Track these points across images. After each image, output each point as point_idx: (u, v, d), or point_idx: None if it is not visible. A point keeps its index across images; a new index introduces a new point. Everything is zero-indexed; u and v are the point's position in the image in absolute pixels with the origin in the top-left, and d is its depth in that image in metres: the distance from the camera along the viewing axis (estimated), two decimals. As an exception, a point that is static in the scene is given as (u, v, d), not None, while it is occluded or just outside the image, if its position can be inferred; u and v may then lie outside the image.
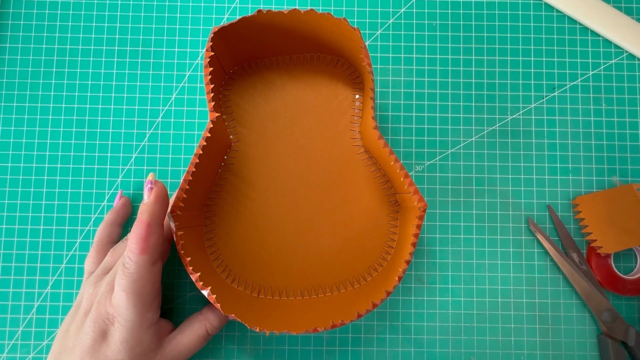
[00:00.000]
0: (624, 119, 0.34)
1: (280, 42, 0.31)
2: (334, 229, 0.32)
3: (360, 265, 0.32)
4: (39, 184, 0.33)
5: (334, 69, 0.33)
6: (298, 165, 0.32)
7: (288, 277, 0.31)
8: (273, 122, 0.33)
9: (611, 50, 0.35)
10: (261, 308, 0.29)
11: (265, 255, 0.32)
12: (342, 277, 0.31)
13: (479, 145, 0.34)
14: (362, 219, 0.32)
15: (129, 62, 0.34)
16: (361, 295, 0.29)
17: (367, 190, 0.32)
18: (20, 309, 0.32)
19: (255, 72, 0.33)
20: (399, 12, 0.35)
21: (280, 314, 0.29)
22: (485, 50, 0.35)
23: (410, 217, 0.28)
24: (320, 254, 0.32)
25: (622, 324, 0.31)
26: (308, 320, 0.27)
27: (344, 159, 0.32)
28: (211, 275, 0.29)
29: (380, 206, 0.32)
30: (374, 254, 0.32)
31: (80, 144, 0.34)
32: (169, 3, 0.35)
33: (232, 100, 0.33)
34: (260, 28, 0.29)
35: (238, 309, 0.27)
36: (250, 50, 0.32)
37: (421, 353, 0.32)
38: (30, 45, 0.34)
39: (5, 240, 0.33)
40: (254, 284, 0.31)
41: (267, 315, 0.28)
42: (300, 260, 0.32)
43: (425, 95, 0.34)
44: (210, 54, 0.27)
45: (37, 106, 0.34)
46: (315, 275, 0.31)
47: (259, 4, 0.35)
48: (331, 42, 0.31)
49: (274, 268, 0.31)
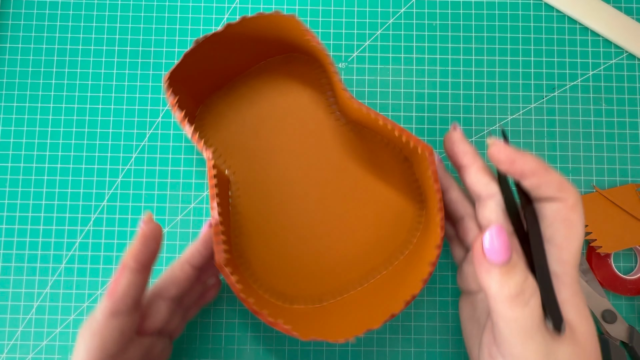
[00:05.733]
0: (624, 119, 0.34)
1: (237, 58, 0.31)
2: (353, 222, 0.31)
3: (385, 252, 0.31)
4: (39, 184, 0.33)
5: (298, 65, 0.33)
6: (301, 170, 0.32)
7: (319, 281, 0.31)
8: (259, 138, 0.32)
9: (611, 50, 0.35)
10: (301, 318, 0.28)
11: (293, 266, 0.31)
12: (368, 268, 0.31)
13: (479, 146, 0.34)
14: (378, 200, 0.31)
15: (129, 62, 0.34)
16: (391, 282, 0.29)
17: (378, 167, 0.32)
18: (20, 309, 0.32)
19: (226, 95, 0.33)
20: (399, 12, 0.35)
21: (321, 321, 0.28)
22: (485, 50, 0.35)
23: (424, 169, 0.27)
24: (345, 251, 0.31)
25: (622, 324, 0.31)
26: (352, 322, 0.26)
27: (339, 146, 0.32)
28: (263, 301, 0.28)
29: (397, 181, 0.32)
30: (400, 238, 0.31)
31: (80, 144, 0.34)
32: (169, 3, 0.35)
33: (210, 132, 0.32)
34: (211, 55, 0.29)
35: (298, 326, 0.25)
36: (211, 80, 0.31)
37: (421, 353, 0.32)
38: (30, 45, 0.34)
39: (5, 240, 0.33)
40: (285, 295, 0.31)
41: (311, 323, 0.27)
42: (327, 261, 0.31)
43: (425, 96, 0.34)
44: (174, 100, 0.26)
45: (37, 106, 0.34)
46: (343, 273, 0.31)
47: (259, 3, 0.35)
48: (284, 40, 0.30)
49: (303, 276, 0.31)
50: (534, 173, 0.22)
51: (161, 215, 0.33)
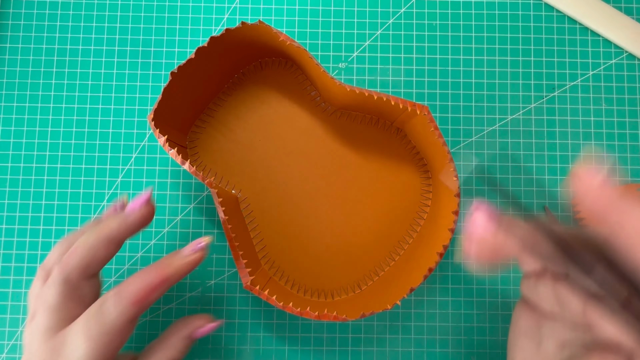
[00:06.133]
0: (624, 119, 0.34)
1: (213, 78, 0.31)
2: (365, 205, 0.32)
3: (402, 229, 0.32)
4: (39, 184, 0.33)
5: (272, 69, 0.33)
6: (303, 169, 0.32)
7: (349, 270, 0.32)
8: (255, 150, 0.32)
9: (611, 50, 0.35)
10: (343, 305, 0.29)
11: (323, 262, 0.32)
12: (389, 247, 0.32)
13: (479, 145, 0.34)
14: (383, 178, 0.32)
15: (129, 62, 0.34)
16: (416, 252, 0.30)
17: (375, 146, 0.32)
18: (20, 309, 0.32)
19: (210, 117, 0.33)
20: (399, 12, 0.35)
21: (361, 302, 0.29)
22: (485, 50, 0.35)
23: (424, 130, 0.28)
24: (363, 237, 0.32)
25: (622, 324, 0.31)
26: (390, 293, 0.27)
27: (334, 136, 0.32)
28: (304, 301, 0.30)
29: (396, 154, 0.32)
30: (413, 210, 0.32)
31: (80, 144, 0.34)
32: (169, 3, 0.35)
33: (204, 157, 0.32)
34: (188, 82, 0.29)
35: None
36: (193, 106, 0.31)
37: (421, 353, 0.32)
38: (30, 45, 0.34)
39: (5, 240, 0.33)
40: (325, 291, 0.31)
41: (354, 306, 0.28)
42: (350, 250, 0.32)
43: (425, 95, 0.34)
44: (165, 139, 0.26)
45: (37, 106, 0.34)
46: (366, 259, 0.32)
47: (259, 3, 0.35)
48: (257, 48, 0.31)
49: (334, 269, 0.32)
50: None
51: (161, 215, 0.33)
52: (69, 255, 0.23)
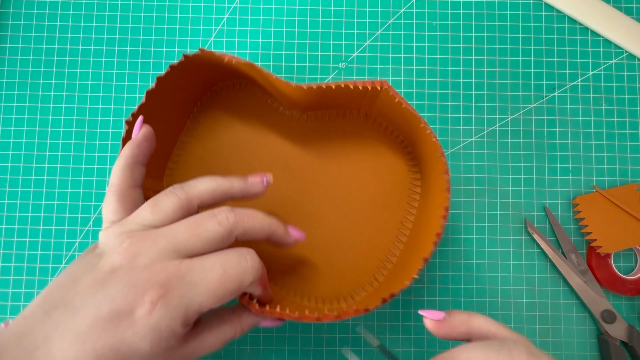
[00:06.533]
0: (624, 119, 0.34)
1: (173, 116, 0.30)
2: (355, 202, 0.32)
3: (398, 214, 0.32)
4: (39, 184, 0.33)
5: (226, 93, 0.32)
6: (287, 180, 0.32)
7: (351, 274, 0.31)
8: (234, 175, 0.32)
9: (611, 50, 0.35)
10: (363, 301, 0.29)
11: (326, 269, 0.31)
12: (387, 241, 0.31)
13: (479, 145, 0.34)
14: (367, 168, 0.32)
15: (129, 62, 0.34)
16: (417, 237, 0.29)
17: (349, 139, 0.32)
18: (20, 309, 0.32)
19: (180, 156, 0.32)
20: (399, 12, 0.35)
21: (379, 294, 0.28)
22: (485, 50, 0.35)
23: (392, 107, 0.28)
24: (359, 235, 0.32)
25: (621, 323, 0.31)
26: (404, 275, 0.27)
27: (309, 140, 0.32)
28: (318, 309, 0.29)
29: (373, 142, 0.32)
30: (404, 199, 0.32)
31: (80, 144, 0.34)
32: (169, 3, 0.35)
33: None
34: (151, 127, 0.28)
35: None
36: (162, 149, 0.31)
37: (421, 353, 0.32)
38: (30, 45, 0.34)
39: (5, 240, 0.33)
40: (339, 297, 0.31)
41: (372, 299, 0.28)
42: (350, 251, 0.31)
43: (425, 95, 0.34)
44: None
45: (37, 106, 0.34)
46: (366, 259, 0.31)
47: (259, 4, 0.35)
48: (206, 76, 0.30)
49: (338, 274, 0.31)
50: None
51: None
52: (111, 175, 0.24)
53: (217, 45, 0.35)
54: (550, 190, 0.34)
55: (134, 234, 0.21)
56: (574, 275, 0.32)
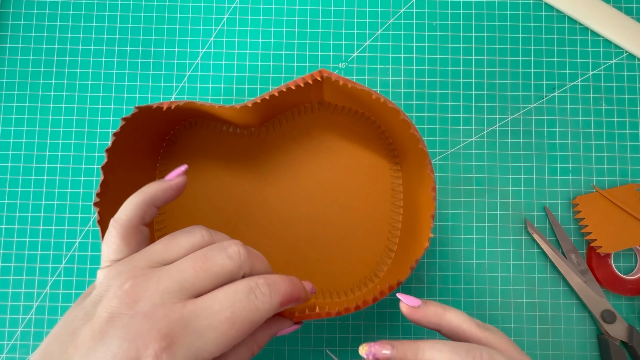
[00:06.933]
0: (624, 119, 0.34)
1: (139, 165, 0.30)
2: (337, 198, 0.32)
3: (385, 214, 0.32)
4: (39, 184, 0.33)
5: (185, 134, 0.32)
6: (271, 197, 0.32)
7: (351, 273, 0.32)
8: (219, 211, 0.32)
9: (611, 50, 0.35)
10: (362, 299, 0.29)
11: (323, 269, 0.32)
12: (383, 245, 0.32)
13: (479, 145, 0.34)
14: (346, 162, 0.32)
15: (129, 62, 0.34)
16: (410, 231, 0.29)
17: (309, 142, 0.32)
18: (20, 309, 0.32)
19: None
20: (399, 12, 0.35)
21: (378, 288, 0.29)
22: (485, 50, 0.35)
23: (338, 89, 0.28)
24: (351, 234, 0.32)
25: (621, 323, 0.31)
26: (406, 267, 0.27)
27: (273, 150, 0.32)
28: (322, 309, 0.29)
29: (339, 141, 0.32)
30: (387, 202, 0.32)
31: (80, 144, 0.34)
32: (169, 3, 0.35)
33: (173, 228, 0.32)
34: (120, 177, 0.28)
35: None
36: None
37: (421, 353, 0.32)
38: (30, 45, 0.34)
39: (5, 240, 0.33)
40: (339, 292, 0.31)
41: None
42: (342, 251, 0.32)
43: (425, 95, 0.34)
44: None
45: (37, 106, 0.34)
46: (360, 263, 0.32)
47: (259, 3, 0.35)
48: (161, 125, 0.30)
49: (336, 274, 0.32)
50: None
51: (161, 215, 0.33)
52: (121, 209, 0.23)
53: (217, 45, 0.35)
54: (550, 190, 0.34)
55: (138, 273, 0.20)
56: (574, 275, 0.32)
